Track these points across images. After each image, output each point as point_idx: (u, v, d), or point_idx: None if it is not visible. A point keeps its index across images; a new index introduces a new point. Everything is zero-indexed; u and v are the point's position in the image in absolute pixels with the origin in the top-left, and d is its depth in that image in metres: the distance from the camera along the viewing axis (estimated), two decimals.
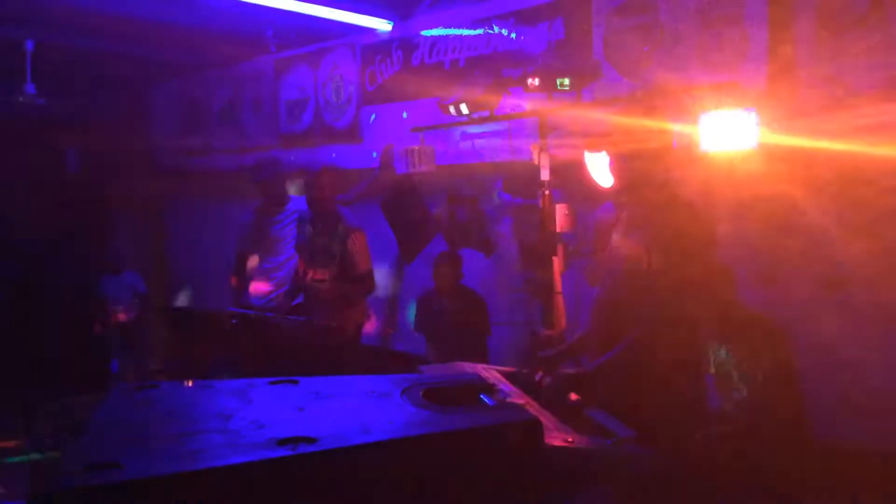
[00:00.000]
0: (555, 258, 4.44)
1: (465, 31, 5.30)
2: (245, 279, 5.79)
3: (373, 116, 6.10)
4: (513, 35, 5.02)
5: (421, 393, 1.68)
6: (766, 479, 3.51)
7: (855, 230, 3.82)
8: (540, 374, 2.83)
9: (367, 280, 5.02)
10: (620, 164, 2.89)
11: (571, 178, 4.51)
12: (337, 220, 5.00)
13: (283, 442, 1.42)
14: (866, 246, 3.81)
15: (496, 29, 5.11)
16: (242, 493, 1.33)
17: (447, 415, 1.56)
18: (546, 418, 2.27)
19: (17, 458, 5.56)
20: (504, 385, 2.63)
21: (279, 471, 1.36)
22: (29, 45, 6.01)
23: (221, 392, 1.76)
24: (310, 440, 1.42)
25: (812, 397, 3.67)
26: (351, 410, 1.61)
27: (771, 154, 3.83)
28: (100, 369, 7.18)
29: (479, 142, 5.26)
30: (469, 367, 2.97)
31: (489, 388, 1.76)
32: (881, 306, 3.78)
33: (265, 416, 1.58)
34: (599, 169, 3.99)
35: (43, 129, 7.53)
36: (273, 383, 1.82)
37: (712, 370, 3.67)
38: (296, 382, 1.82)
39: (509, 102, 4.62)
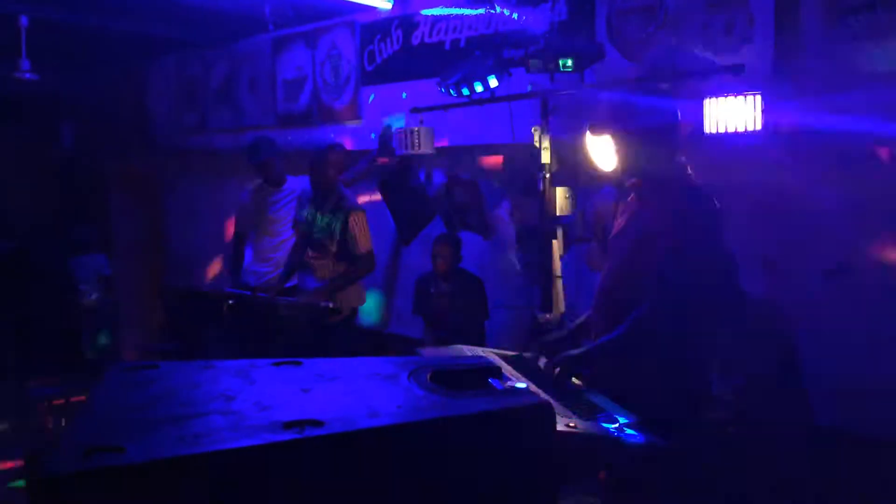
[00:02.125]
0: (554, 242, 4.42)
1: (467, 11, 5.24)
2: (242, 259, 5.76)
3: (372, 97, 6.04)
4: (514, 15, 4.96)
5: (428, 376, 1.65)
6: (768, 464, 3.51)
7: (860, 215, 3.80)
8: (543, 359, 2.81)
9: (368, 260, 5.00)
10: (624, 147, 2.85)
11: (572, 162, 4.49)
12: (339, 199, 4.97)
13: (288, 425, 1.38)
14: (871, 231, 3.79)
15: (498, 9, 5.05)
16: (248, 477, 1.30)
17: (457, 399, 1.53)
18: None
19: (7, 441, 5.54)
20: (505, 369, 2.60)
21: (286, 454, 1.33)
22: (24, 21, 5.93)
23: (223, 372, 1.72)
24: (316, 423, 1.38)
25: (815, 384, 3.66)
26: (357, 393, 1.58)
27: (776, 137, 3.80)
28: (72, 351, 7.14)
29: (479, 123, 5.22)
30: (469, 349, 2.94)
31: (497, 372, 1.73)
32: (887, 291, 3.76)
33: (269, 397, 1.55)
34: (601, 152, 3.96)
35: (38, 105, 7.46)
36: (276, 364, 1.78)
37: (713, 354, 3.66)
38: (299, 363, 1.79)
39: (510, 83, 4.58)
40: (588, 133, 3.94)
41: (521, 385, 2.12)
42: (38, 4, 5.94)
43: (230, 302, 5.11)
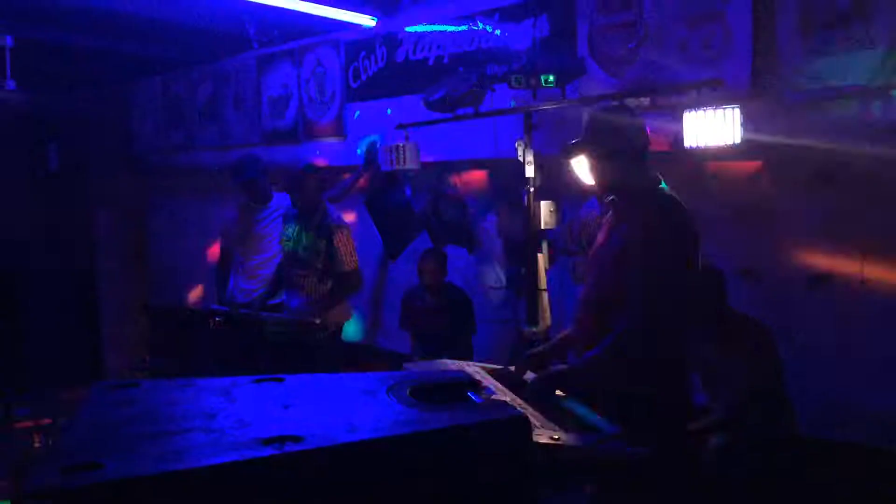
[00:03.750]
0: (540, 255, 4.44)
1: (450, 28, 5.28)
2: (229, 277, 5.76)
3: (357, 113, 6.07)
4: (497, 32, 5.01)
5: (408, 391, 1.67)
6: (752, 475, 3.53)
7: (837, 226, 3.84)
8: (527, 372, 2.82)
9: (354, 278, 5.01)
10: (601, 163, 2.88)
11: (556, 176, 4.52)
12: (322, 216, 4.98)
13: (268, 441, 1.39)
14: (849, 241, 3.83)
15: (481, 25, 5.09)
16: (227, 493, 1.31)
17: (434, 413, 1.54)
18: (532, 415, 2.26)
19: None
20: (490, 382, 2.61)
21: (265, 471, 1.34)
22: (8, 41, 5.93)
23: (205, 390, 1.73)
24: (296, 439, 1.40)
25: (798, 395, 3.69)
26: (337, 409, 1.59)
27: (754, 151, 3.84)
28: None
29: (463, 139, 5.25)
30: (455, 364, 2.95)
31: (476, 386, 1.74)
32: (865, 304, 3.80)
33: (250, 414, 1.56)
34: (583, 167, 3.99)
35: (23, 125, 7.45)
36: (257, 381, 1.79)
37: (697, 367, 3.69)
38: (281, 380, 1.80)
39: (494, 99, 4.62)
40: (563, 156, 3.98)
41: (499, 398, 2.13)
42: (23, 24, 5.95)
43: (216, 319, 5.10)
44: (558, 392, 2.70)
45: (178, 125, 7.76)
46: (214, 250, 5.87)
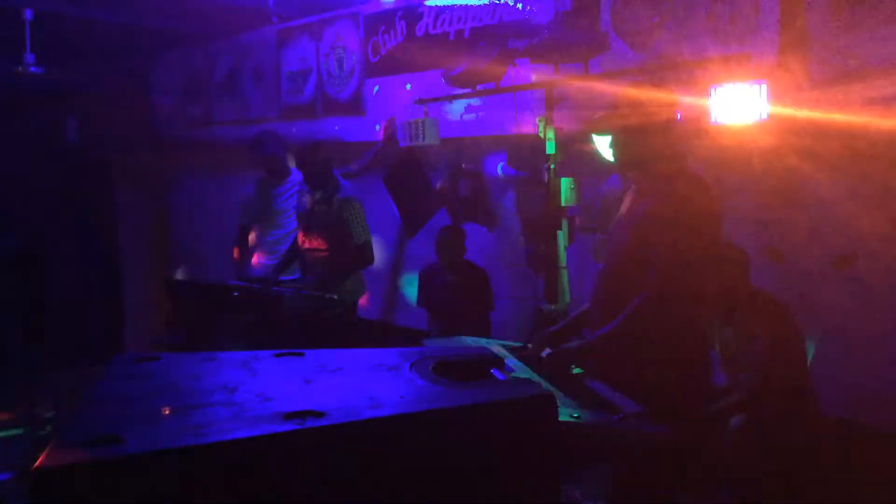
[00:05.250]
0: (559, 232, 4.40)
1: (471, 1, 5.21)
2: (247, 251, 5.76)
3: (376, 88, 6.02)
4: (519, 5, 4.93)
5: (430, 367, 1.65)
6: (774, 455, 3.50)
7: (865, 204, 3.78)
8: (547, 350, 2.81)
9: (365, 251, 4.99)
10: (625, 139, 2.84)
11: (577, 152, 4.47)
12: (334, 190, 4.97)
13: (290, 416, 1.38)
14: (876, 220, 3.77)
15: None
16: (249, 468, 1.30)
17: (458, 389, 1.52)
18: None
19: (13, 431, 5.55)
20: (508, 360, 2.59)
21: (287, 445, 1.33)
22: (28, 14, 5.92)
23: (225, 364, 1.72)
24: (318, 414, 1.38)
25: (821, 374, 3.65)
26: (359, 384, 1.57)
27: (781, 127, 3.78)
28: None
29: (483, 114, 5.20)
30: (473, 341, 2.94)
31: (499, 363, 1.72)
32: (891, 281, 3.74)
33: (271, 388, 1.54)
34: (606, 143, 3.94)
35: (43, 99, 7.45)
36: (278, 356, 1.78)
37: (718, 348, 3.65)
38: (301, 355, 1.79)
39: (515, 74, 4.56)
40: (591, 133, 3.93)
41: (524, 376, 2.11)
42: None
43: (234, 294, 5.10)
44: (575, 368, 2.69)
45: (198, 100, 7.75)
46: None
